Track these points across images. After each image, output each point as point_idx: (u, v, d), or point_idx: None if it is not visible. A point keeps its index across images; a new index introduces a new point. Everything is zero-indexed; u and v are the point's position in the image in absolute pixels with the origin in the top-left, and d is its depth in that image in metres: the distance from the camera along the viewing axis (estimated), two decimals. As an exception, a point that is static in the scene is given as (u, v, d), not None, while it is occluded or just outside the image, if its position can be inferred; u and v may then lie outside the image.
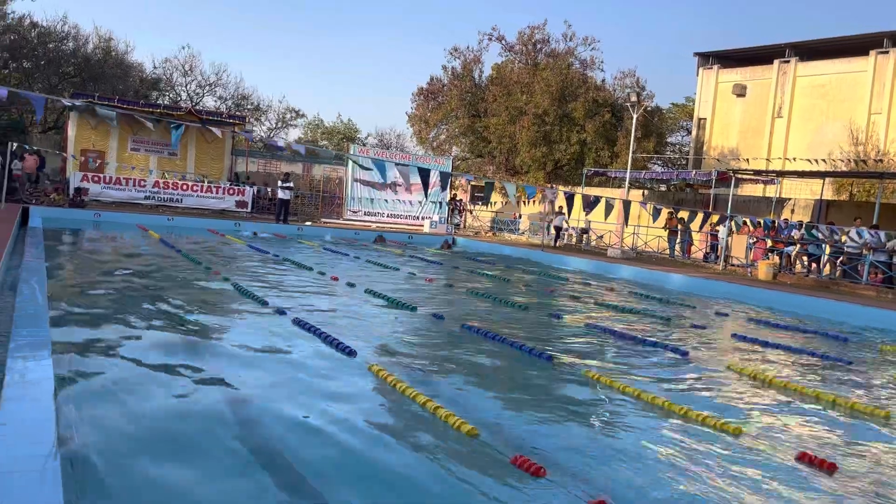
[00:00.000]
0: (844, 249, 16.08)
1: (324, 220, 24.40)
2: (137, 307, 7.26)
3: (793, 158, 23.04)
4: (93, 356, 5.22)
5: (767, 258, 17.62)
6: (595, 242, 24.09)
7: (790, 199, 23.21)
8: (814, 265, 17.18)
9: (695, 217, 17.92)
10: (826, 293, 13.98)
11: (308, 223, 22.29)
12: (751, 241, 18.38)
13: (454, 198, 29.40)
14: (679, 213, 20.78)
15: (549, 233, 23.22)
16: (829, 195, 23.41)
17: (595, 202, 17.03)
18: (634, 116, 23.44)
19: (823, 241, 16.70)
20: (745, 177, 23.06)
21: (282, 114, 43.55)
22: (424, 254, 17.36)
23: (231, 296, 8.53)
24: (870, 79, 25.76)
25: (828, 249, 16.66)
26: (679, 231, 21.08)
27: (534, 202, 28.74)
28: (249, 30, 74.96)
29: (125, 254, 12.43)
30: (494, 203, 30.84)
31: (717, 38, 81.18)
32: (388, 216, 26.15)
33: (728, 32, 73.40)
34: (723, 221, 18.49)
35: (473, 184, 31.88)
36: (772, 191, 23.86)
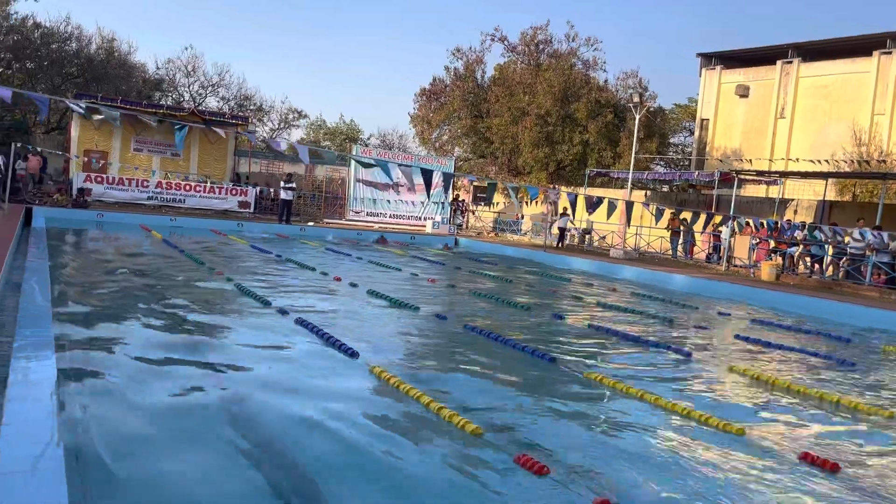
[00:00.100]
0: (847, 250, 16.04)
1: (326, 221, 24.41)
2: (140, 307, 7.27)
3: (796, 159, 23.01)
4: (96, 356, 5.23)
5: (770, 259, 17.59)
6: (597, 243, 24.07)
7: (793, 200, 23.17)
8: (816, 266, 17.13)
9: (697, 218, 17.91)
10: (829, 294, 13.96)
11: (311, 223, 22.32)
12: (754, 242, 18.34)
13: (457, 198, 29.40)
14: (682, 214, 20.73)
15: (552, 233, 23.21)
16: (832, 196, 23.37)
17: (598, 203, 17.02)
18: (637, 117, 23.45)
19: (826, 242, 16.66)
20: (748, 177, 23.03)
21: (284, 114, 43.62)
22: (426, 254, 17.37)
23: (234, 296, 8.54)
24: (873, 79, 25.70)
25: (830, 250, 16.63)
26: (682, 232, 21.05)
27: (536, 203, 28.72)
28: (248, 29, 75.20)
29: (128, 254, 12.44)
30: (497, 204, 30.84)
31: (718, 38, 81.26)
32: (391, 217, 26.16)
33: (728, 32, 73.43)
34: (725, 222, 18.46)
35: (476, 184, 31.87)
36: (775, 191, 23.82)
